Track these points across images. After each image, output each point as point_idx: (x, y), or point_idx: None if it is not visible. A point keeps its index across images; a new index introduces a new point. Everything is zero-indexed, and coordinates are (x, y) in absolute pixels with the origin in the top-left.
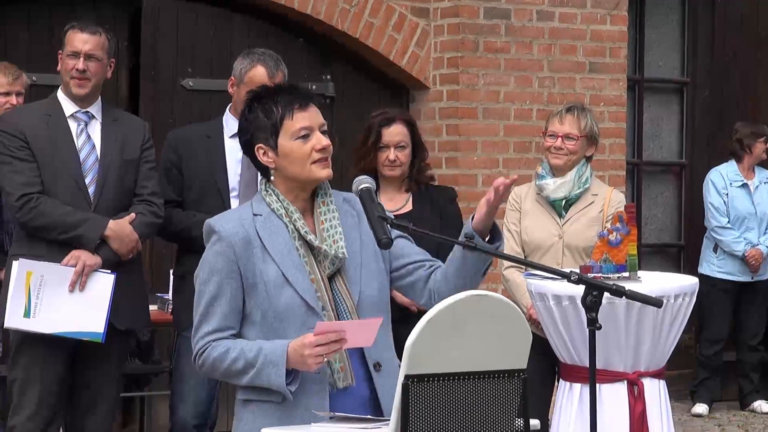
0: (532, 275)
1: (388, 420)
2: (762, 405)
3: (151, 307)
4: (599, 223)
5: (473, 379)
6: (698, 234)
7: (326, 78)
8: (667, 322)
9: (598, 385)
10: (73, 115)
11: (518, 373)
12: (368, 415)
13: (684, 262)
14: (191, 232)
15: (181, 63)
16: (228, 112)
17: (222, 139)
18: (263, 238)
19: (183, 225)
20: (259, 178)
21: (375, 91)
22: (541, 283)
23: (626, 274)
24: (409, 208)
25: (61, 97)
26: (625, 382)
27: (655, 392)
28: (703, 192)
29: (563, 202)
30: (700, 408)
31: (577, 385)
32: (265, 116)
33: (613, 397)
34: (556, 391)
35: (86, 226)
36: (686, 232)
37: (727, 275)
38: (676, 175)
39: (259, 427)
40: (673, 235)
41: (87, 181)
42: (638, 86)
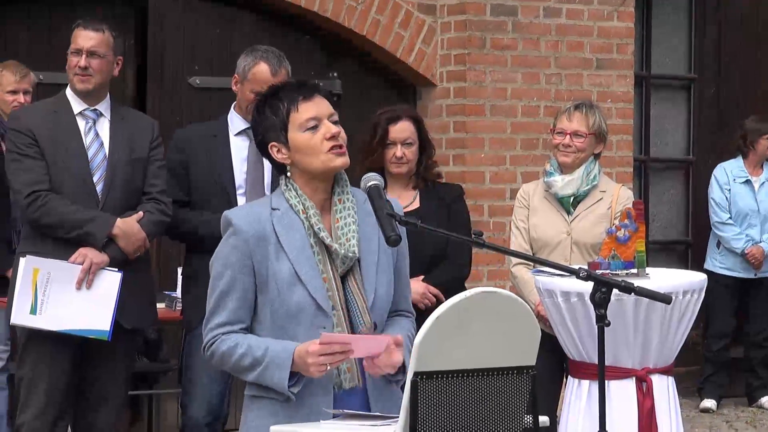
0: (540, 272)
1: (397, 417)
2: None
3: (159, 306)
4: (608, 220)
5: (482, 376)
6: (705, 231)
7: (333, 75)
8: (675, 318)
9: (606, 382)
10: (81, 113)
11: (527, 370)
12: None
13: (691, 258)
14: (199, 232)
15: (187, 61)
16: (233, 110)
17: (227, 138)
18: (279, 234)
19: (191, 224)
20: (264, 177)
21: (382, 88)
22: (549, 280)
23: (634, 271)
24: (417, 205)
25: (70, 95)
26: (634, 378)
27: (664, 389)
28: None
29: (571, 199)
30: (708, 404)
31: (586, 382)
32: (272, 114)
33: (622, 394)
34: (565, 388)
35: (94, 224)
36: (693, 228)
37: (728, 271)
38: (683, 172)
39: (265, 424)
40: (680, 231)
41: (95, 179)
42: (645, 83)
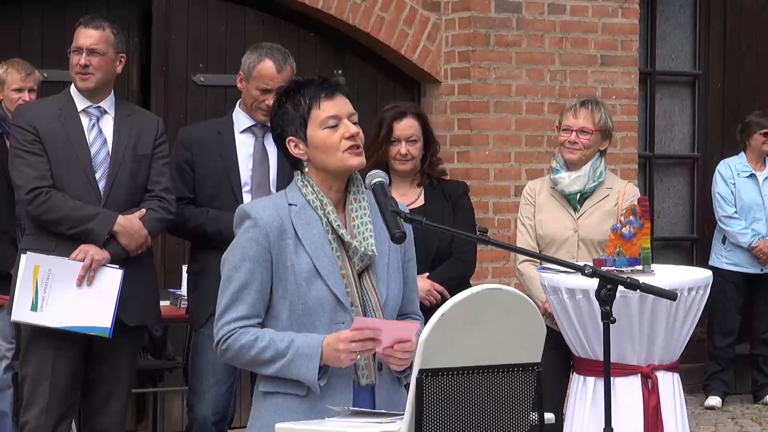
0: (545, 269)
1: (402, 414)
2: None
3: (163, 303)
4: (614, 217)
5: (487, 373)
6: (711, 227)
7: (337, 72)
8: (680, 315)
9: (612, 379)
10: (85, 110)
11: (533, 367)
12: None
13: (696, 255)
14: (205, 229)
15: (192, 58)
16: (238, 107)
17: (233, 135)
18: (297, 229)
19: (197, 222)
20: (270, 174)
21: (386, 85)
22: (554, 277)
23: (640, 268)
24: (421, 202)
25: (74, 93)
26: (639, 375)
27: (669, 385)
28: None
29: (578, 196)
30: (713, 401)
31: (591, 379)
32: (293, 108)
33: (627, 391)
34: (570, 385)
35: (95, 220)
36: (698, 225)
37: (735, 267)
38: (688, 168)
39: (282, 419)
40: (686, 228)
41: (97, 176)
42: (650, 79)
